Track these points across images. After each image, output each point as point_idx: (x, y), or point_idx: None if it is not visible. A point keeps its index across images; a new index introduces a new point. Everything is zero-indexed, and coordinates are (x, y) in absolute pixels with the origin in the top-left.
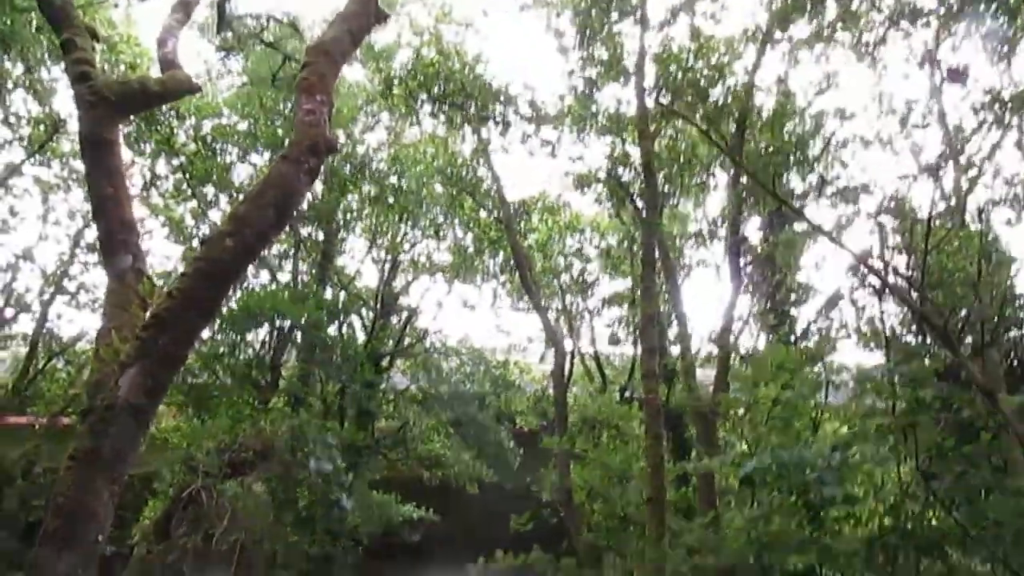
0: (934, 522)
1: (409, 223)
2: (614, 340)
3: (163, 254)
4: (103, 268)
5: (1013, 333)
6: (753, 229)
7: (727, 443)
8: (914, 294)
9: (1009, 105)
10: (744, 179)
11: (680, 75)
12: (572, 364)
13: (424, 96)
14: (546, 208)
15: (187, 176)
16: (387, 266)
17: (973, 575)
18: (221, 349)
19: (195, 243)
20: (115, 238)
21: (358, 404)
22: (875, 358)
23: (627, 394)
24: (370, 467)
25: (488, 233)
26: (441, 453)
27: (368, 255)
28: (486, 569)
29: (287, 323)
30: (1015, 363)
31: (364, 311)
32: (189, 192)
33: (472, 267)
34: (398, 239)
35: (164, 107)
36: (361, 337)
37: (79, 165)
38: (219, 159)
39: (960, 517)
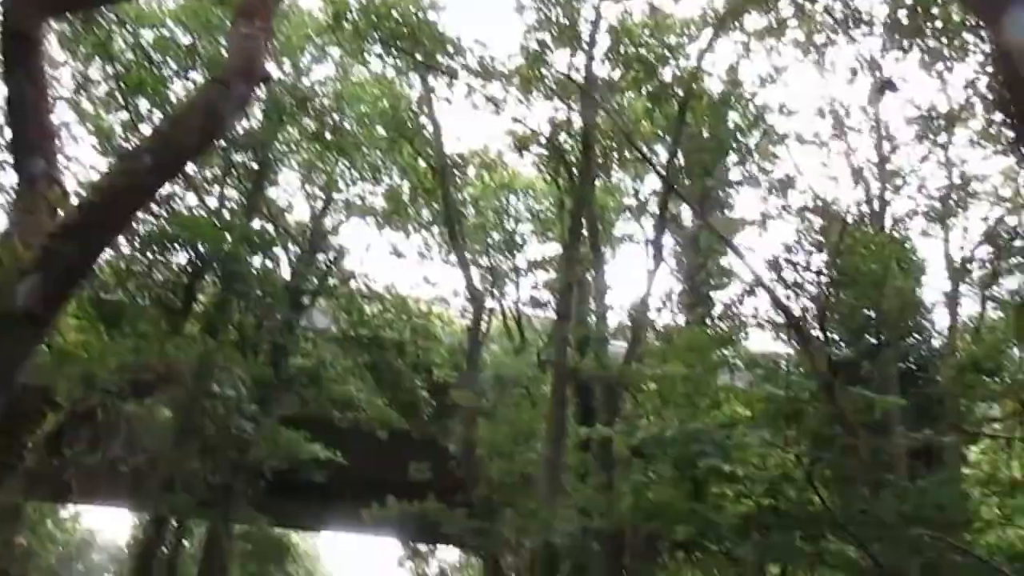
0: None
1: (346, 162)
2: (536, 303)
3: (87, 163)
4: (14, 171)
5: (914, 338)
6: (685, 209)
7: (631, 413)
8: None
9: (940, 123)
10: (678, 160)
11: (632, 49)
12: (492, 322)
13: (374, 35)
14: (484, 164)
15: (121, 85)
16: (319, 203)
17: (842, 559)
18: (136, 267)
19: None
20: (29, 141)
21: (273, 339)
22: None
23: (542, 357)
24: (281, 403)
25: (424, 182)
26: (354, 396)
27: (301, 190)
28: (380, 514)
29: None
30: (913, 366)
31: (291, 246)
32: (121, 102)
33: (405, 214)
34: (333, 177)
35: (103, 9)
36: (285, 272)
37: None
38: (156, 72)
39: (835, 504)
